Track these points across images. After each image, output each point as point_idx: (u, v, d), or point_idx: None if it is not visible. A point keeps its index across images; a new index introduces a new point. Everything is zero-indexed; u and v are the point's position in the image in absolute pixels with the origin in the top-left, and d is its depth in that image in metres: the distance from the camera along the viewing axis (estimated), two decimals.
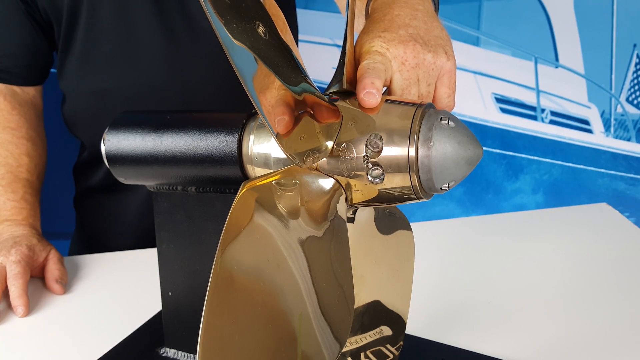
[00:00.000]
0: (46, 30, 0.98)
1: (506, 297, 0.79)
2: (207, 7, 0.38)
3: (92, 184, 1.07)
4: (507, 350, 0.68)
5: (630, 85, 1.71)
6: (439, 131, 0.45)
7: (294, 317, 0.41)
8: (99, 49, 0.96)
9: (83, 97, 0.99)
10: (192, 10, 0.95)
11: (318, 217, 0.45)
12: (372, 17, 0.57)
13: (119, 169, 0.59)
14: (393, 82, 0.52)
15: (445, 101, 0.54)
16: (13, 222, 0.91)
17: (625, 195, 1.76)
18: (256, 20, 0.42)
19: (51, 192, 1.14)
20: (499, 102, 1.69)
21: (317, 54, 1.57)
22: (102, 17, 0.94)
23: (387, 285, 0.59)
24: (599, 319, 0.73)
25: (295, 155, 0.45)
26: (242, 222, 0.41)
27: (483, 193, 1.73)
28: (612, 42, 1.67)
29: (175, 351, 0.66)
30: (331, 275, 0.44)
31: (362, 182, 0.46)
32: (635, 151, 1.75)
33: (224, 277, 0.39)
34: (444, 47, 0.54)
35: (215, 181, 0.56)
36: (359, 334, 0.57)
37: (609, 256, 0.88)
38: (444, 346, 0.69)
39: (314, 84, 0.46)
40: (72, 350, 0.71)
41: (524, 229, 0.98)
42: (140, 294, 0.82)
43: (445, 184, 0.46)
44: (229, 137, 0.53)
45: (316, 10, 1.57)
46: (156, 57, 0.96)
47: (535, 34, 1.66)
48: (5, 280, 0.81)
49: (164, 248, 0.62)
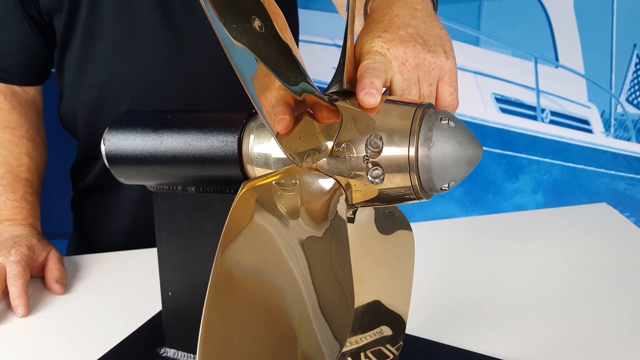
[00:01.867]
0: (45, 30, 0.98)
1: (506, 297, 0.79)
2: (207, 7, 0.38)
3: (88, 184, 1.06)
4: (507, 350, 0.68)
5: (630, 85, 1.71)
6: (439, 131, 0.45)
7: (294, 317, 0.41)
8: (100, 42, 0.95)
9: (83, 92, 0.99)
10: (194, 1, 0.95)
11: (318, 217, 0.45)
12: (371, 17, 0.57)
13: (119, 169, 0.59)
14: (393, 82, 0.52)
15: (449, 100, 0.54)
16: (13, 221, 0.91)
17: (625, 195, 1.76)
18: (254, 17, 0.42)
19: (50, 192, 1.14)
20: (499, 102, 1.69)
21: (317, 54, 1.57)
22: (103, 10, 0.94)
23: (387, 285, 0.59)
24: (599, 319, 0.73)
25: (295, 155, 0.45)
26: (242, 222, 0.41)
27: (483, 193, 1.73)
28: (612, 42, 1.67)
29: (175, 351, 0.66)
30: (331, 275, 0.44)
31: (362, 182, 0.46)
32: (635, 151, 1.75)
33: (224, 277, 0.39)
34: (443, 47, 0.54)
35: (215, 181, 0.56)
36: (359, 334, 0.57)
37: (609, 256, 0.88)
38: (444, 346, 0.69)
39: (314, 84, 0.46)
40: (72, 350, 0.71)
41: (524, 229, 0.98)
42: (140, 294, 0.82)
43: (445, 184, 0.46)
44: (229, 137, 0.53)
45: (316, 10, 1.57)
46: (158, 50, 0.96)
47: (535, 34, 1.66)
48: (5, 281, 0.81)
49: (164, 248, 0.62)
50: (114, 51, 0.95)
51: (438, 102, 0.55)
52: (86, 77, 0.98)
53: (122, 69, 0.96)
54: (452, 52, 0.55)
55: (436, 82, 0.54)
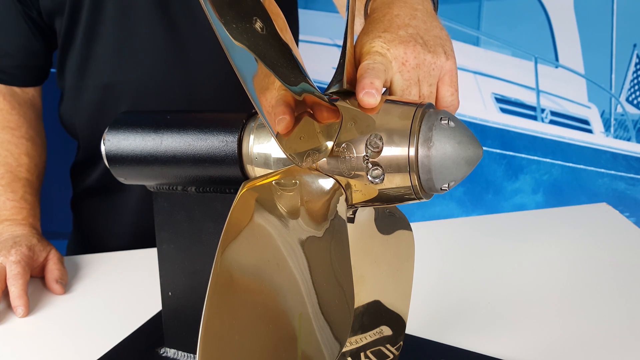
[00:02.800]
0: (44, 31, 0.98)
1: (506, 297, 0.79)
2: (207, 7, 0.38)
3: (89, 185, 1.06)
4: (507, 350, 0.68)
5: (630, 85, 1.71)
6: (439, 131, 0.45)
7: (294, 317, 0.41)
8: (101, 45, 0.95)
9: (84, 94, 0.99)
10: (195, 4, 0.95)
11: (318, 217, 0.45)
12: (371, 17, 0.57)
13: (119, 169, 0.59)
14: (393, 83, 0.52)
15: (449, 100, 0.54)
16: (13, 221, 0.91)
17: (625, 195, 1.76)
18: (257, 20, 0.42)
19: (50, 192, 1.14)
20: (499, 102, 1.69)
21: (317, 54, 1.57)
22: (104, 13, 0.94)
23: (387, 285, 0.59)
24: (599, 319, 0.73)
25: (295, 155, 0.45)
26: (242, 222, 0.41)
27: (483, 193, 1.73)
28: (612, 42, 1.67)
29: (175, 351, 0.66)
30: (331, 275, 0.44)
31: (362, 182, 0.46)
32: (635, 151, 1.75)
33: (224, 277, 0.39)
34: (443, 47, 0.54)
35: (215, 181, 0.56)
36: (359, 334, 0.57)
37: (609, 256, 0.88)
38: (444, 346, 0.69)
39: (314, 84, 0.46)
40: (72, 350, 0.71)
41: (524, 229, 0.98)
42: (140, 294, 0.82)
43: (445, 184, 0.46)
44: (229, 137, 0.53)
45: (316, 10, 1.57)
46: (159, 53, 0.96)
47: (535, 34, 1.66)
48: (5, 281, 0.81)
49: (164, 248, 0.62)
50: (115, 54, 0.96)
51: (438, 103, 0.55)
52: (87, 80, 0.98)
53: (122, 73, 0.96)
54: (452, 53, 0.55)
55: (436, 83, 0.54)
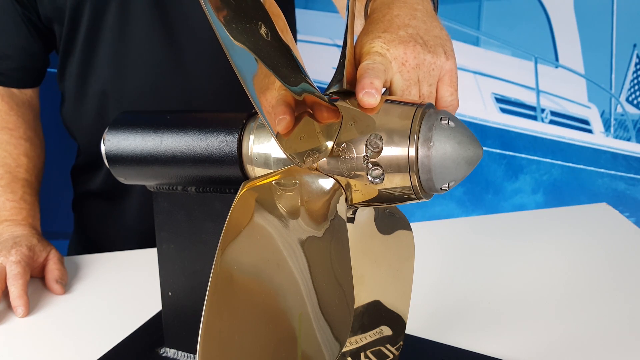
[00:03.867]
0: (42, 33, 0.98)
1: (506, 297, 0.79)
2: (207, 7, 0.38)
3: (90, 188, 1.07)
4: (507, 350, 0.68)
5: (630, 85, 1.71)
6: (439, 131, 0.45)
7: (294, 317, 0.41)
8: (101, 51, 0.96)
9: (84, 100, 0.99)
10: (192, 12, 0.95)
11: (318, 217, 0.45)
12: (371, 17, 0.57)
13: (119, 169, 0.59)
14: (393, 83, 0.52)
15: (449, 100, 0.54)
16: (13, 222, 0.91)
17: (625, 195, 1.76)
18: (257, 21, 0.42)
19: (51, 192, 1.14)
20: (499, 102, 1.69)
21: (317, 54, 1.57)
22: (104, 20, 0.94)
23: (387, 285, 0.59)
24: (599, 319, 0.73)
25: (295, 155, 0.45)
26: (242, 222, 0.41)
27: (483, 193, 1.73)
28: (612, 42, 1.67)
29: (175, 351, 0.66)
30: (331, 275, 0.44)
31: (362, 182, 0.46)
32: (635, 151, 1.75)
33: (224, 277, 0.39)
34: (443, 47, 0.54)
35: (215, 181, 0.56)
36: (359, 334, 0.57)
37: (609, 256, 0.88)
38: (444, 346, 0.69)
39: (314, 84, 0.46)
40: (72, 350, 0.71)
41: (524, 229, 0.98)
42: (140, 294, 0.82)
43: (445, 184, 0.46)
44: (229, 137, 0.53)
45: (316, 10, 1.57)
46: (158, 61, 0.96)
47: (535, 34, 1.66)
48: (5, 281, 0.81)
49: (164, 248, 0.62)
50: (114, 62, 0.96)
51: (438, 103, 0.55)
52: (87, 87, 0.98)
53: (121, 80, 0.97)
54: (452, 53, 0.54)
55: (436, 83, 0.54)
